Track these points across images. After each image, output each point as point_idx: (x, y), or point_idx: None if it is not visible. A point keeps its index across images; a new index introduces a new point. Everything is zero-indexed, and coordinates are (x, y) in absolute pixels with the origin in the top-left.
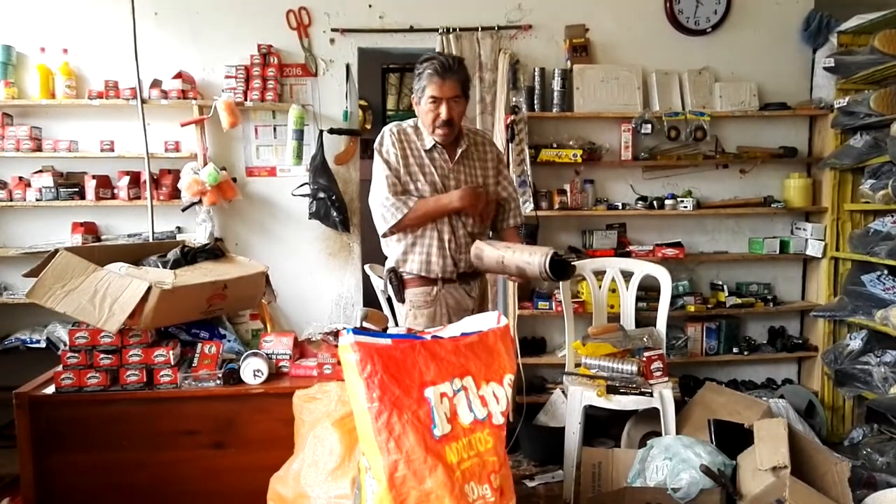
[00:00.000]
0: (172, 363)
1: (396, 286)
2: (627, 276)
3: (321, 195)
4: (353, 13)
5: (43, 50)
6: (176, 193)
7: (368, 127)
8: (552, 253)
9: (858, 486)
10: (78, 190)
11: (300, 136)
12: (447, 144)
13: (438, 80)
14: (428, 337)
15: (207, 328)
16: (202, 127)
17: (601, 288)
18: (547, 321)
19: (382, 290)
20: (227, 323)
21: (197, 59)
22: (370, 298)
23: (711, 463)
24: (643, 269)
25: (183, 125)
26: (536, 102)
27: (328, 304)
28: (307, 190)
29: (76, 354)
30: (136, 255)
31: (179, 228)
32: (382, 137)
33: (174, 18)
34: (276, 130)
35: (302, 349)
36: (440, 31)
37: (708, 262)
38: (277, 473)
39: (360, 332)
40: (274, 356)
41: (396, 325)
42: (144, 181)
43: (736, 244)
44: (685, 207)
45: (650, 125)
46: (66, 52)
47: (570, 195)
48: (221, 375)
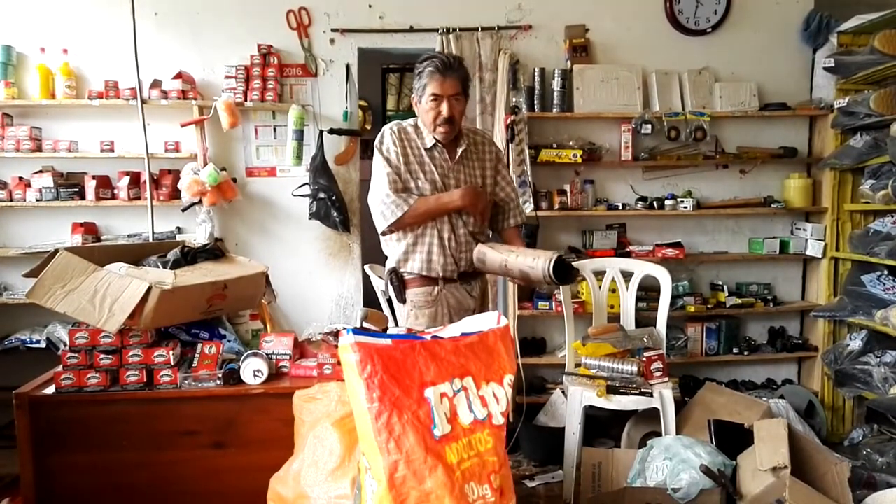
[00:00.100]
0: (172, 363)
1: (397, 286)
2: (627, 276)
3: (321, 195)
4: (353, 13)
5: (43, 50)
6: (176, 194)
7: (368, 127)
8: (556, 257)
9: (858, 486)
10: (78, 190)
11: (300, 136)
12: (447, 144)
13: (440, 77)
14: (428, 337)
15: (207, 328)
16: (202, 127)
17: (601, 288)
18: (547, 321)
19: (382, 290)
20: (227, 323)
21: (197, 59)
22: (370, 299)
23: (711, 463)
24: (643, 269)
25: (183, 125)
26: (536, 102)
27: (328, 304)
28: (307, 190)
29: (76, 355)
30: (136, 255)
31: (179, 229)
32: (383, 136)
33: (174, 19)
34: (276, 131)
35: (302, 349)
36: (440, 31)
37: (708, 262)
38: (277, 473)
39: (360, 332)
40: (274, 356)
41: (396, 325)
42: (144, 181)
43: (736, 244)
44: (685, 207)
45: (650, 125)
46: (66, 52)
47: (570, 195)
48: (221, 376)
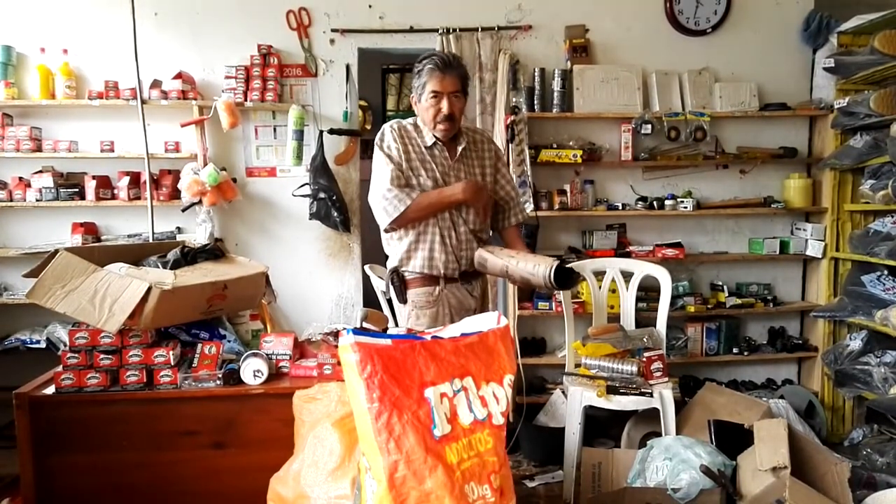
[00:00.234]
0: (172, 363)
1: (398, 286)
2: (627, 276)
3: (321, 195)
4: (353, 14)
5: (43, 50)
6: (176, 194)
7: (368, 127)
8: (556, 264)
9: (858, 486)
10: (78, 190)
11: (300, 136)
12: (447, 142)
13: (439, 74)
14: (428, 337)
15: (207, 328)
16: (202, 127)
17: (601, 288)
18: (547, 321)
19: (383, 290)
20: (227, 323)
21: (197, 59)
22: (370, 299)
23: (711, 463)
24: (643, 269)
25: (183, 125)
26: (536, 103)
27: (328, 304)
28: (308, 190)
29: (76, 355)
30: (135, 255)
31: (179, 229)
32: (383, 133)
33: (174, 19)
34: (276, 131)
35: (302, 349)
36: (440, 31)
37: (708, 262)
38: (277, 474)
39: (360, 332)
40: (274, 356)
41: (396, 325)
42: (144, 181)
43: (736, 244)
44: (685, 208)
45: (650, 125)
46: (66, 52)
47: (570, 195)
48: (221, 376)
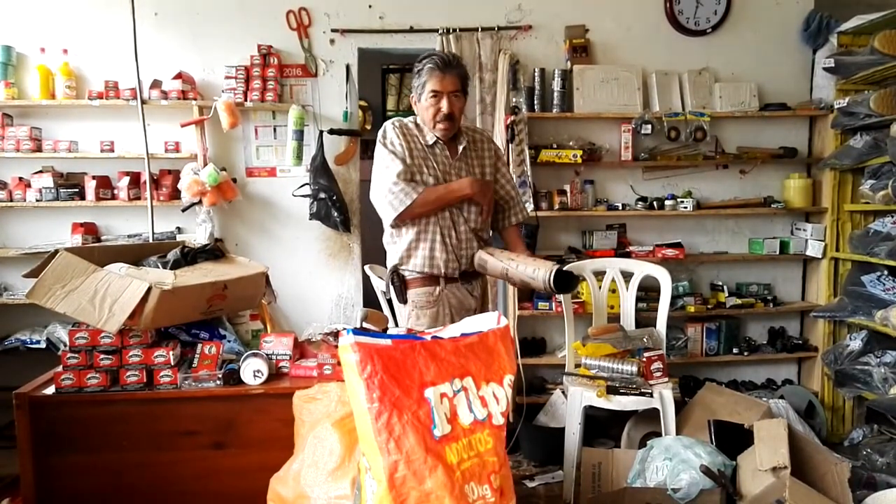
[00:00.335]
0: (172, 364)
1: (398, 286)
2: (627, 276)
3: (322, 196)
4: (353, 14)
5: (43, 50)
6: (176, 194)
7: (368, 127)
8: (556, 269)
9: (858, 486)
10: (78, 190)
11: (300, 136)
12: (447, 141)
13: (439, 73)
14: (428, 337)
15: (207, 328)
16: (202, 127)
17: (601, 288)
18: (547, 322)
19: (383, 290)
20: (227, 323)
21: (197, 59)
22: (370, 299)
23: (711, 463)
24: (643, 269)
25: (183, 126)
26: (536, 103)
27: (328, 304)
28: (308, 190)
29: (76, 355)
30: (135, 255)
31: (179, 229)
32: (385, 130)
33: (174, 19)
34: (276, 131)
35: (302, 350)
36: (440, 31)
37: (708, 262)
38: (277, 474)
39: (360, 332)
40: (274, 357)
41: (396, 325)
42: (144, 182)
43: (736, 245)
44: (685, 208)
45: (650, 126)
46: (66, 52)
47: (570, 195)
48: (221, 376)
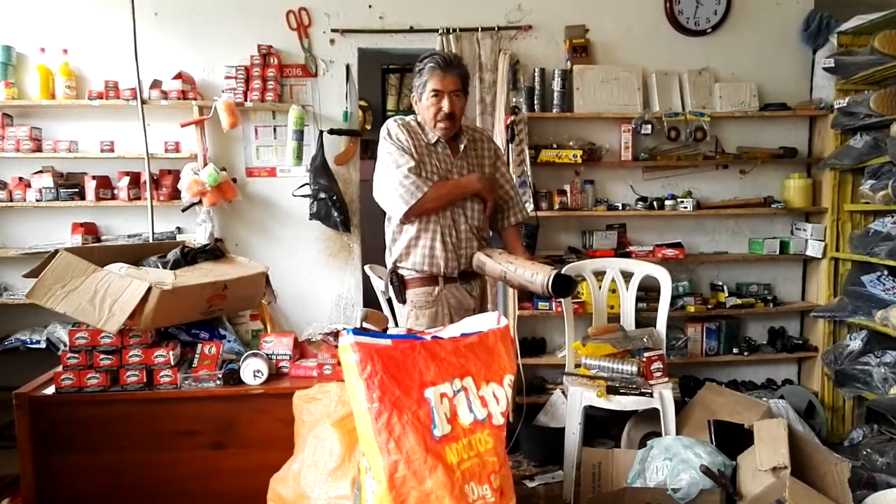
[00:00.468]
0: (172, 364)
1: (398, 286)
2: (627, 276)
3: (322, 196)
4: (353, 14)
5: (43, 50)
6: (176, 194)
7: (368, 127)
8: (554, 274)
9: (858, 486)
10: (78, 190)
11: (300, 136)
12: (448, 140)
13: (440, 73)
14: (428, 337)
15: (207, 328)
16: (202, 127)
17: (601, 288)
18: (547, 322)
19: (382, 290)
20: (227, 323)
21: (197, 59)
22: (370, 299)
23: (711, 463)
24: (643, 269)
25: (183, 126)
26: (536, 103)
27: (328, 304)
28: (308, 190)
29: (76, 355)
30: (135, 255)
31: (179, 229)
32: (389, 128)
33: (174, 19)
34: (276, 131)
35: (302, 350)
36: (440, 31)
37: (708, 262)
38: (277, 474)
39: (360, 332)
40: (274, 357)
41: (396, 325)
42: (144, 182)
43: (736, 245)
44: (685, 208)
45: (650, 126)
46: (66, 52)
47: (570, 195)
48: (221, 376)
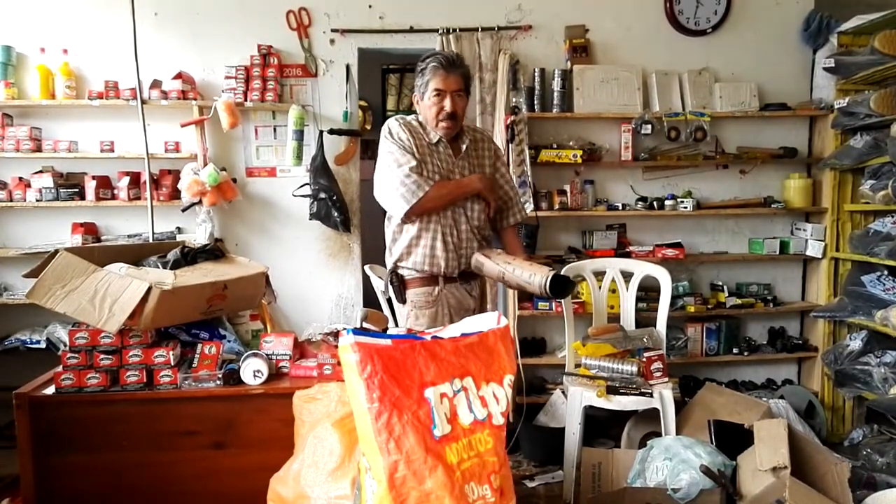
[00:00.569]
0: (172, 364)
1: (397, 287)
2: (627, 276)
3: (322, 196)
4: (353, 14)
5: (43, 50)
6: (176, 194)
7: (368, 127)
8: (552, 275)
9: (858, 486)
10: (78, 190)
11: (300, 136)
12: (450, 140)
13: (443, 72)
14: (428, 337)
15: (207, 329)
16: (202, 127)
17: (601, 288)
18: (547, 322)
19: (382, 290)
20: (227, 323)
21: (197, 59)
22: (370, 299)
23: (711, 463)
24: (643, 269)
25: (183, 126)
26: (536, 103)
27: (328, 304)
28: (308, 190)
29: (76, 355)
30: (135, 255)
31: (179, 229)
32: (390, 127)
33: (174, 19)
34: (276, 131)
35: (302, 350)
36: (440, 31)
37: (708, 262)
38: (277, 474)
39: (360, 332)
40: (274, 357)
41: (396, 325)
42: (144, 182)
43: (736, 245)
44: (685, 208)
45: (650, 126)
46: (66, 52)
47: (570, 195)
48: (221, 376)
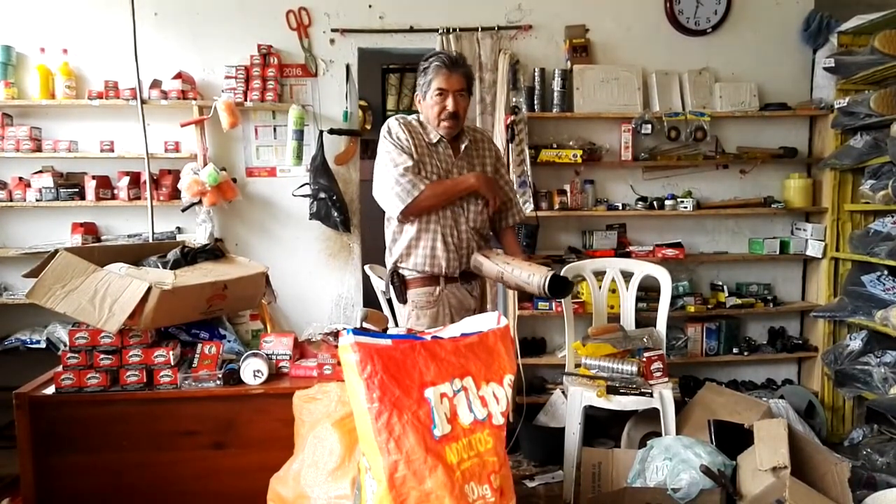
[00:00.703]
0: (172, 363)
1: (399, 287)
2: (627, 276)
3: (322, 195)
4: (353, 13)
5: (43, 50)
6: (176, 194)
7: (368, 127)
8: (551, 275)
9: (858, 486)
10: (78, 190)
11: (300, 136)
12: (450, 140)
13: (446, 72)
14: (428, 337)
15: (207, 328)
16: (202, 127)
17: (601, 288)
18: (547, 322)
19: (382, 290)
20: (227, 323)
21: (197, 59)
22: (370, 299)
23: (711, 463)
24: (643, 269)
25: (183, 125)
26: (536, 103)
27: (328, 304)
28: (308, 190)
29: (76, 355)
30: (135, 255)
31: (179, 229)
32: (390, 126)
33: (174, 19)
34: (276, 131)
35: (302, 349)
36: (440, 31)
37: (708, 262)
38: (277, 474)
39: (360, 332)
40: (274, 357)
41: (396, 325)
42: (144, 181)
43: (736, 244)
44: (685, 208)
45: (650, 125)
46: (66, 52)
47: (570, 195)
48: (221, 376)
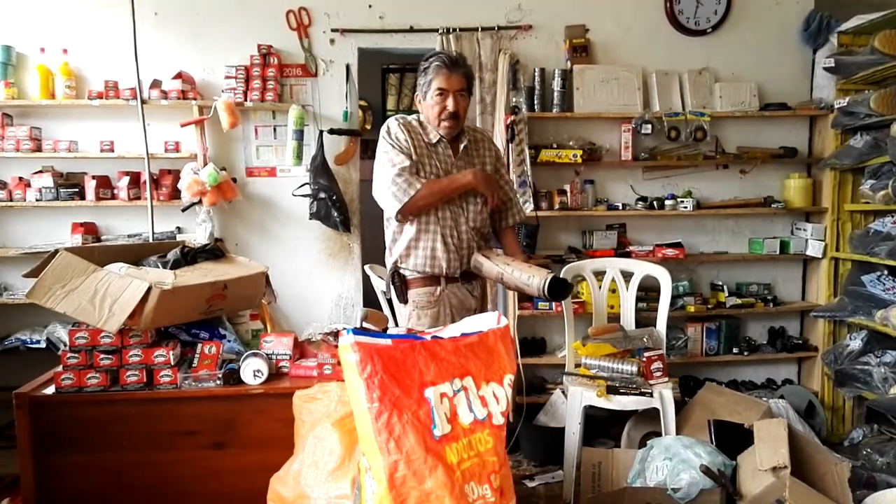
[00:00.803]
0: (172, 363)
1: (399, 287)
2: (627, 276)
3: (322, 195)
4: (353, 13)
5: (43, 50)
6: (176, 194)
7: (368, 127)
8: (551, 277)
9: (858, 486)
10: (78, 190)
11: (300, 136)
12: (449, 140)
13: (446, 72)
14: (428, 337)
15: (207, 328)
16: (202, 127)
17: (601, 288)
18: (547, 321)
19: (383, 290)
20: (227, 323)
21: (197, 59)
22: (370, 299)
23: (711, 463)
24: (643, 269)
25: (183, 125)
26: (536, 103)
27: (328, 304)
28: (308, 190)
29: (76, 355)
30: (135, 255)
31: (179, 229)
32: (389, 126)
33: (174, 19)
34: (276, 131)
35: (302, 349)
36: (440, 31)
37: (708, 262)
38: (277, 474)
39: (360, 332)
40: (274, 356)
41: (396, 325)
42: (144, 181)
43: (736, 244)
44: (685, 208)
45: (650, 125)
46: (66, 52)
47: (570, 195)
48: (221, 376)
